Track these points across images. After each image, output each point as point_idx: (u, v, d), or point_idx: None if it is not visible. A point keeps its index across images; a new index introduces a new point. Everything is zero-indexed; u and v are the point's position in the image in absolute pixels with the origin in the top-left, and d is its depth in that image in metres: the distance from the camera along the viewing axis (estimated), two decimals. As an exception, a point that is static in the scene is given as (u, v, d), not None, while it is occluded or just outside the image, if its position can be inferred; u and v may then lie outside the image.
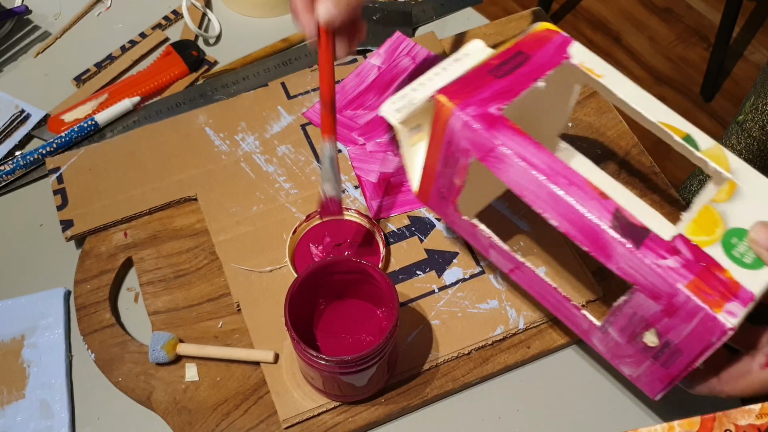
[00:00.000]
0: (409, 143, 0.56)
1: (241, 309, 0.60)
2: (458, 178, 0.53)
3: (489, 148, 0.49)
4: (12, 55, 0.80)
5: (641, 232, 0.45)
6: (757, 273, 0.45)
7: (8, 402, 0.58)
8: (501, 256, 0.55)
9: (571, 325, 0.54)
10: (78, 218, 0.65)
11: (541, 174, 0.47)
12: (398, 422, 0.58)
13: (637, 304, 0.47)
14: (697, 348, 0.45)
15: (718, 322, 0.43)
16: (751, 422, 0.47)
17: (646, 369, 0.50)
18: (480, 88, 0.51)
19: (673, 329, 0.46)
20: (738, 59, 1.76)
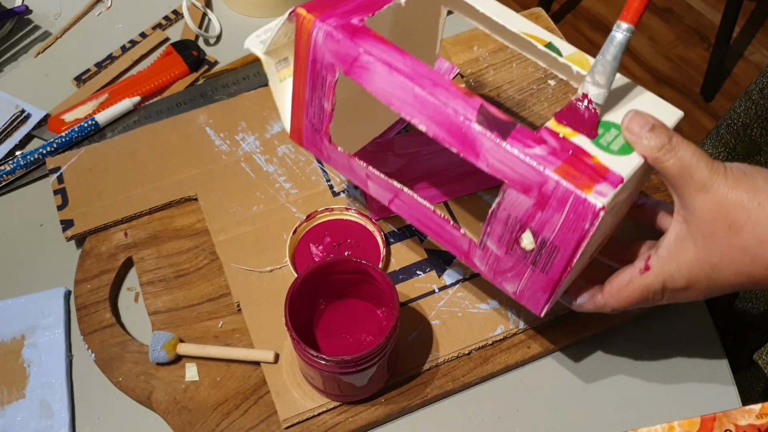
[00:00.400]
0: (278, 78, 0.55)
1: (242, 309, 0.60)
2: (327, 101, 0.52)
3: (353, 57, 0.48)
4: (12, 54, 0.80)
5: (507, 125, 0.45)
6: (625, 158, 0.45)
7: (8, 402, 0.58)
8: (379, 187, 0.54)
9: (453, 250, 0.53)
10: (78, 218, 0.65)
11: (406, 78, 0.46)
12: (398, 422, 0.58)
13: (510, 204, 0.46)
14: (573, 239, 0.45)
15: (588, 204, 0.43)
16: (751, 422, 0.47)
17: (527, 280, 0.50)
18: (341, 3, 0.50)
19: (546, 224, 0.45)
20: (738, 59, 1.76)
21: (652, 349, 0.60)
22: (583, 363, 0.60)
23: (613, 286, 0.50)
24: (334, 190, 0.67)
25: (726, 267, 0.45)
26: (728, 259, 0.44)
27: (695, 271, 0.46)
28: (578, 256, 0.46)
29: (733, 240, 0.44)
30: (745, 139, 0.72)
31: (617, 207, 0.47)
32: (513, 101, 0.73)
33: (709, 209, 0.44)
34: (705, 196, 0.44)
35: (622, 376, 0.59)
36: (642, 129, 0.45)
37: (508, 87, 0.74)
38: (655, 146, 0.45)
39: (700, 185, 0.44)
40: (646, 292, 0.48)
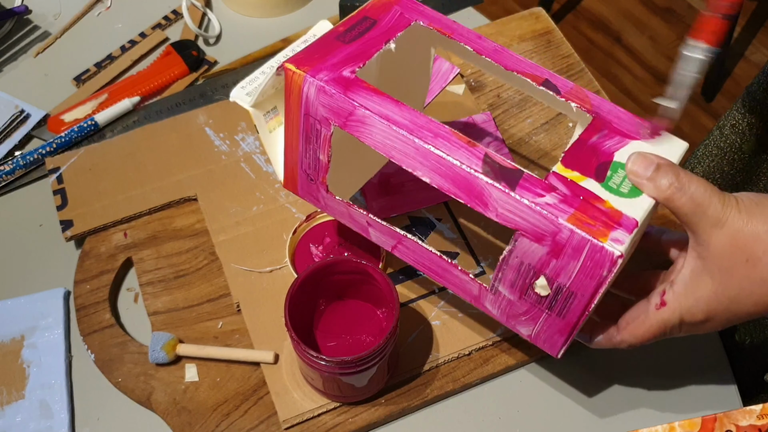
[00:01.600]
0: (267, 129, 0.54)
1: (241, 309, 0.60)
2: (323, 153, 0.50)
3: (348, 111, 0.47)
4: (12, 55, 0.80)
5: (514, 173, 0.44)
6: (635, 201, 0.45)
7: (8, 402, 0.58)
8: (381, 233, 0.53)
9: (462, 294, 0.52)
10: (78, 218, 0.65)
11: (405, 130, 0.45)
12: (398, 423, 0.58)
13: (522, 252, 0.46)
14: (590, 286, 0.44)
15: (606, 252, 0.42)
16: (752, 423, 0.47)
17: (543, 324, 0.49)
18: (329, 53, 0.49)
19: (562, 271, 0.45)
20: (739, 59, 1.76)
21: (652, 350, 0.60)
22: (584, 364, 0.60)
23: (629, 323, 0.49)
24: (334, 190, 0.66)
25: (745, 299, 0.45)
26: (747, 292, 0.44)
27: (714, 305, 0.46)
28: (596, 301, 0.45)
29: (751, 272, 0.44)
30: (751, 138, 0.71)
31: (632, 248, 0.46)
32: (513, 101, 0.73)
33: (726, 244, 0.44)
34: (720, 231, 0.44)
35: (622, 377, 0.59)
36: (647, 170, 0.45)
37: (509, 87, 0.74)
38: (664, 186, 0.44)
39: (714, 221, 0.44)
40: (664, 327, 0.48)
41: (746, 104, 0.72)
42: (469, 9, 0.83)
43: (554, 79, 0.51)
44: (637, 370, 0.59)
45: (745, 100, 0.72)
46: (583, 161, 0.46)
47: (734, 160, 0.75)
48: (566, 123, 0.72)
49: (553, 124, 0.72)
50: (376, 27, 0.51)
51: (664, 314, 0.47)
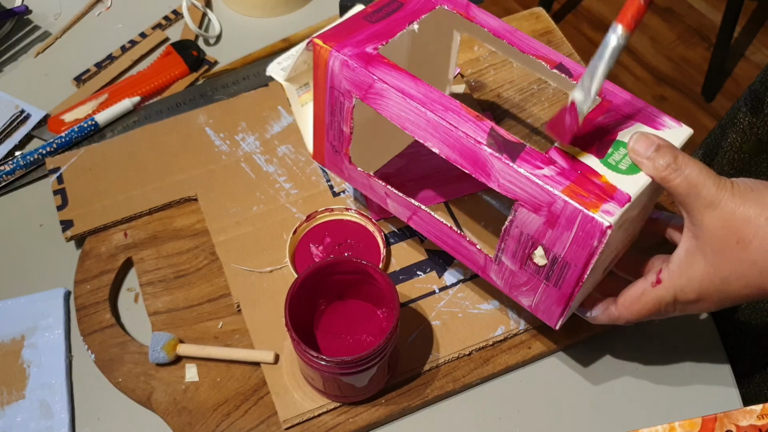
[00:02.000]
0: (299, 103, 0.58)
1: (242, 309, 0.60)
2: (346, 125, 0.54)
3: (368, 84, 0.50)
4: (12, 55, 0.80)
5: (517, 147, 0.47)
6: (632, 177, 0.46)
7: (8, 402, 0.58)
8: (398, 204, 0.56)
9: (469, 264, 0.55)
10: (78, 218, 0.65)
11: (418, 103, 0.49)
12: (399, 423, 0.58)
13: (522, 222, 0.48)
14: (583, 255, 0.46)
15: (596, 222, 0.44)
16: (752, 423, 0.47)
17: (541, 294, 0.51)
18: (356, 31, 0.52)
19: (557, 241, 0.47)
20: (739, 59, 1.76)
21: (652, 350, 0.60)
22: (584, 364, 0.60)
23: (626, 299, 0.51)
24: (334, 190, 0.66)
25: (736, 280, 0.46)
26: (738, 273, 0.45)
27: (705, 285, 0.47)
28: (589, 271, 0.47)
29: (741, 255, 0.45)
30: (751, 137, 0.71)
31: (627, 224, 0.48)
32: (513, 101, 0.73)
33: (718, 225, 0.45)
34: (713, 212, 0.45)
35: (622, 377, 0.59)
36: (647, 150, 0.46)
37: (509, 87, 0.74)
38: (661, 167, 0.46)
39: (707, 202, 0.45)
40: (658, 304, 0.49)
41: (748, 103, 0.72)
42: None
43: (567, 63, 0.53)
44: (638, 370, 0.59)
45: (747, 99, 0.72)
46: (586, 138, 0.48)
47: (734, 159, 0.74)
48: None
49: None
50: (403, 9, 0.54)
51: (659, 291, 0.49)
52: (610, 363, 0.60)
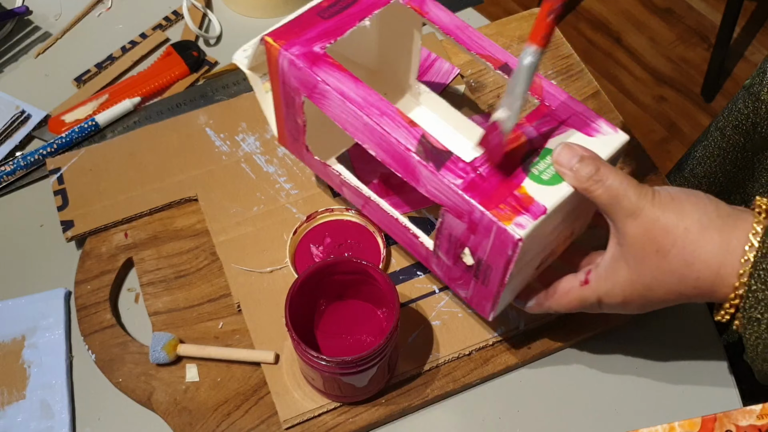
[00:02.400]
0: (263, 90, 0.59)
1: (242, 309, 0.60)
2: (299, 117, 0.56)
3: (313, 84, 0.51)
4: (12, 55, 0.80)
5: (443, 155, 0.48)
6: (553, 188, 0.47)
7: (9, 402, 0.58)
8: (352, 193, 0.58)
9: (416, 255, 0.57)
10: (78, 219, 0.65)
11: (356, 106, 0.50)
12: (399, 423, 0.58)
13: (449, 225, 0.50)
14: (501, 262, 0.47)
15: (508, 235, 0.45)
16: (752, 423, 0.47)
17: (473, 289, 0.52)
18: (307, 28, 0.53)
19: (479, 246, 0.48)
20: (739, 59, 1.76)
21: (652, 350, 0.60)
22: (584, 364, 0.60)
23: (557, 291, 0.52)
24: (334, 190, 0.66)
25: (657, 287, 0.47)
26: (658, 281, 0.47)
27: (629, 291, 0.48)
28: (509, 275, 0.48)
29: (661, 263, 0.46)
30: (755, 137, 0.71)
31: (551, 231, 0.49)
32: (513, 102, 0.73)
33: (639, 234, 0.46)
34: (633, 222, 0.46)
35: (622, 377, 0.59)
36: (570, 161, 0.47)
37: (509, 87, 0.74)
38: (583, 178, 0.47)
39: (628, 212, 0.46)
40: (584, 302, 0.51)
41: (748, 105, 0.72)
42: (469, 10, 0.83)
43: (513, 62, 0.54)
44: (637, 371, 0.59)
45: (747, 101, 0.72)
46: (516, 147, 0.49)
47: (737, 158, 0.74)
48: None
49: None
50: (357, 4, 0.54)
51: (585, 291, 0.50)
52: (610, 363, 0.60)
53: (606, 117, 0.72)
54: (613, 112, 0.72)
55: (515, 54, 0.61)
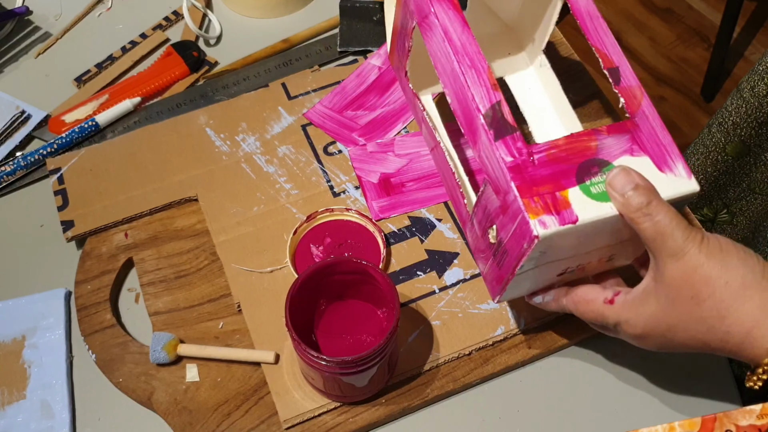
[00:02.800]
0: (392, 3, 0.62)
1: (242, 309, 0.60)
2: (407, 41, 0.58)
3: (425, 13, 0.52)
4: (13, 55, 0.80)
5: (508, 128, 0.48)
6: (595, 204, 0.46)
7: (9, 402, 0.58)
8: (427, 132, 0.59)
9: (456, 212, 0.58)
10: (79, 219, 0.65)
11: (452, 49, 0.50)
12: (399, 423, 0.58)
13: (486, 198, 0.50)
14: (516, 251, 0.47)
15: (528, 228, 0.45)
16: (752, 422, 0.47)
17: (489, 267, 0.53)
18: None
19: (504, 228, 0.48)
20: (739, 59, 1.76)
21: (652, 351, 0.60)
22: (584, 363, 0.60)
23: (578, 295, 0.52)
24: (334, 190, 0.67)
25: (681, 331, 0.47)
26: (684, 325, 0.46)
27: (651, 326, 0.48)
28: (520, 266, 0.47)
29: (693, 309, 0.45)
30: (734, 139, 0.71)
31: (576, 245, 0.48)
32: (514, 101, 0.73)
33: (677, 277, 0.45)
34: (675, 263, 0.45)
35: (622, 377, 0.59)
36: (624, 188, 0.46)
37: (509, 87, 0.74)
38: (632, 206, 0.45)
39: (672, 252, 0.45)
40: (602, 319, 0.50)
41: (733, 103, 0.72)
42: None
43: (624, 69, 0.53)
44: (637, 371, 0.59)
45: (734, 99, 0.72)
46: (583, 149, 0.48)
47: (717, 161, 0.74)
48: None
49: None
50: None
51: (607, 311, 0.50)
52: (610, 363, 0.60)
53: (606, 117, 0.72)
54: (613, 112, 0.72)
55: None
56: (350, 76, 0.74)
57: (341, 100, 0.72)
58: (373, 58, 0.75)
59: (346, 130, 0.70)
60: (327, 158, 0.69)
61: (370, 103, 0.72)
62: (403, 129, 0.70)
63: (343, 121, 0.71)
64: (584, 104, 0.73)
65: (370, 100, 0.72)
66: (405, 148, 0.69)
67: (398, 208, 0.65)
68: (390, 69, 0.74)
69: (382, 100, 0.72)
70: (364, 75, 0.74)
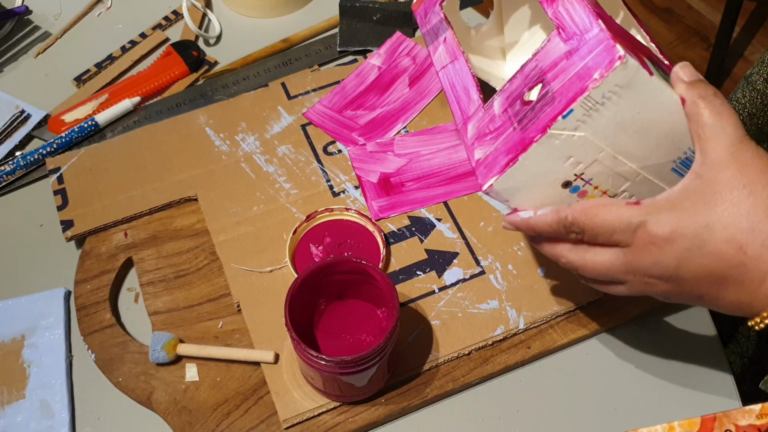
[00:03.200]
0: None
1: (242, 309, 0.60)
2: None
3: None
4: (12, 55, 0.80)
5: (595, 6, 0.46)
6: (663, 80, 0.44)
7: (8, 402, 0.58)
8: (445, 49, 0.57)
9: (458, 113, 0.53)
10: (78, 218, 0.65)
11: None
12: (398, 422, 0.58)
13: (545, 53, 0.46)
14: (575, 89, 0.43)
15: (615, 50, 0.42)
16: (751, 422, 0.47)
17: (501, 142, 0.47)
18: None
19: (561, 74, 0.44)
20: (738, 59, 1.76)
21: (652, 349, 0.60)
22: (583, 363, 0.60)
23: (587, 201, 0.45)
24: (334, 190, 0.67)
25: (721, 229, 0.40)
26: (727, 220, 0.40)
27: (684, 222, 0.41)
28: (571, 108, 0.43)
29: (744, 199, 0.40)
30: (752, 128, 0.71)
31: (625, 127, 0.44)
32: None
33: (730, 162, 0.41)
34: (730, 149, 0.41)
35: (622, 377, 0.59)
36: (690, 77, 0.44)
37: (508, 87, 0.74)
38: (695, 92, 0.43)
39: (731, 141, 0.41)
40: (619, 222, 0.43)
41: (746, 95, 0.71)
42: (469, 10, 0.83)
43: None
44: (637, 370, 0.59)
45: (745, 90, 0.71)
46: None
47: None
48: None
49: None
50: None
51: (631, 210, 0.43)
52: (609, 363, 0.60)
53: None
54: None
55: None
56: (350, 76, 0.74)
57: (341, 99, 0.72)
58: (372, 57, 0.75)
59: (345, 129, 0.70)
60: (326, 158, 0.69)
61: (370, 102, 0.72)
62: (403, 129, 0.70)
63: (342, 120, 0.71)
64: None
65: (369, 100, 0.72)
66: (405, 148, 0.69)
67: (398, 207, 0.65)
68: (390, 69, 0.74)
69: (382, 100, 0.72)
70: (363, 75, 0.74)
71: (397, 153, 0.68)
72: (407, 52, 0.75)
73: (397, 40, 0.76)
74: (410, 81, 0.74)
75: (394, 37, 0.77)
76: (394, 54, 0.75)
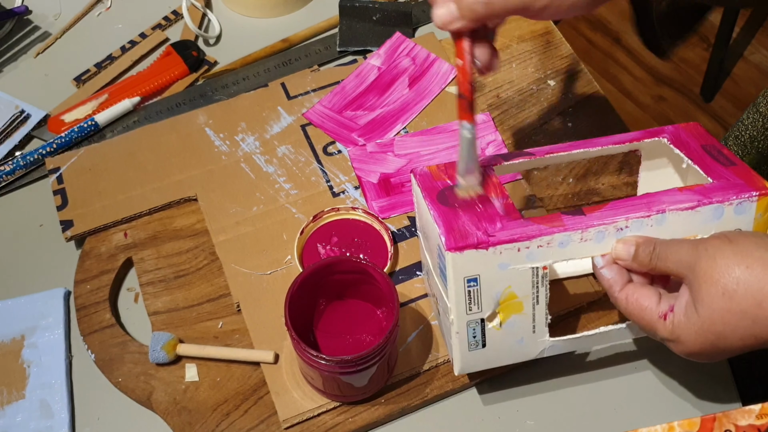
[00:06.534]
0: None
1: (241, 309, 0.60)
2: None
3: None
4: (12, 55, 0.80)
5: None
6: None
7: (8, 402, 0.58)
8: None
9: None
10: (78, 218, 0.65)
11: None
12: (398, 422, 0.58)
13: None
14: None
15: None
16: (751, 422, 0.47)
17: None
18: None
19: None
20: (738, 59, 1.76)
21: (652, 350, 0.60)
22: (584, 364, 0.60)
23: (634, 295, 0.49)
24: (333, 190, 0.66)
25: (731, 334, 0.45)
26: (731, 327, 0.45)
27: (700, 341, 0.46)
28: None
29: (730, 305, 0.44)
30: (752, 151, 0.72)
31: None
32: (513, 101, 0.73)
33: (702, 281, 0.45)
34: (694, 271, 0.46)
35: (622, 376, 0.59)
36: (629, 254, 0.49)
37: (508, 87, 0.74)
38: (645, 261, 0.48)
39: (687, 265, 0.46)
40: (652, 331, 0.49)
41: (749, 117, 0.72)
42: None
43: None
44: (637, 370, 0.59)
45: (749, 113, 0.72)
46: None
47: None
48: (566, 122, 0.72)
49: (552, 125, 0.72)
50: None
51: (659, 325, 0.48)
52: (610, 363, 0.60)
53: (606, 117, 0.72)
54: (612, 112, 0.72)
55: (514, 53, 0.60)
56: (350, 76, 0.74)
57: (341, 100, 0.72)
58: (372, 58, 0.75)
59: (345, 130, 0.70)
60: (326, 158, 0.69)
61: (370, 103, 0.72)
62: (403, 129, 0.70)
63: (342, 121, 0.71)
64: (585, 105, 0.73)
65: (369, 100, 0.72)
66: (404, 148, 0.69)
67: (398, 208, 0.65)
68: (389, 69, 0.74)
69: (382, 100, 0.72)
70: (363, 75, 0.74)
71: (397, 153, 0.68)
72: (407, 52, 0.75)
73: (396, 40, 0.76)
74: (410, 81, 0.74)
75: (393, 38, 0.77)
76: (393, 54, 0.75)
